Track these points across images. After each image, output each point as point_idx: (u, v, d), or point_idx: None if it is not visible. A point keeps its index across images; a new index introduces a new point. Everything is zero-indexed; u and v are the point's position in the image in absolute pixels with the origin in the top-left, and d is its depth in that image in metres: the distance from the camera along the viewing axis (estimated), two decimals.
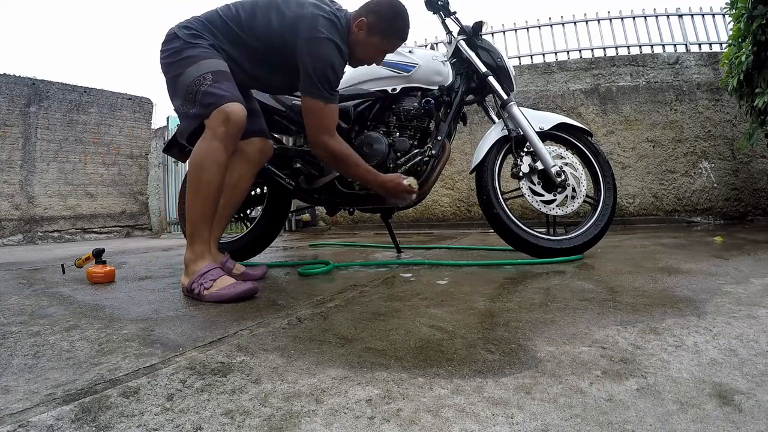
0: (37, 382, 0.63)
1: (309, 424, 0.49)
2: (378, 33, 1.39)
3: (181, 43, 1.31)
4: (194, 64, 1.27)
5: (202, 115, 1.24)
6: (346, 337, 0.80)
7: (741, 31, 2.54)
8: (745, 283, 1.11)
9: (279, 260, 2.15)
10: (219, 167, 1.24)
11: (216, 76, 1.25)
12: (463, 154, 4.00)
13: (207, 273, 1.19)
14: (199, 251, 1.24)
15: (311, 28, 1.27)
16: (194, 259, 1.24)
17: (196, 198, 1.25)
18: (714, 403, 0.50)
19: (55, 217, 6.33)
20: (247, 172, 1.49)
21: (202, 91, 1.23)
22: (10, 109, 6.04)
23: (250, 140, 1.46)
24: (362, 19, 1.37)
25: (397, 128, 1.77)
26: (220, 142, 1.22)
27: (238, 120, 1.23)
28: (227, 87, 1.25)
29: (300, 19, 1.29)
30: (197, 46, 1.30)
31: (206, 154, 1.23)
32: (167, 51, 1.33)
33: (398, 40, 1.46)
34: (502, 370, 0.62)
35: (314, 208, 4.46)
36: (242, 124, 1.25)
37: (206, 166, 1.23)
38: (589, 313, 0.89)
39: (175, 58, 1.31)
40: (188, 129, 1.30)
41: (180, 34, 1.32)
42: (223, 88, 1.24)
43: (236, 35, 1.35)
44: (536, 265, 1.58)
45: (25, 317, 1.05)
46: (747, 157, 3.45)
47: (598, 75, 3.83)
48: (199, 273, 1.20)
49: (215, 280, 1.18)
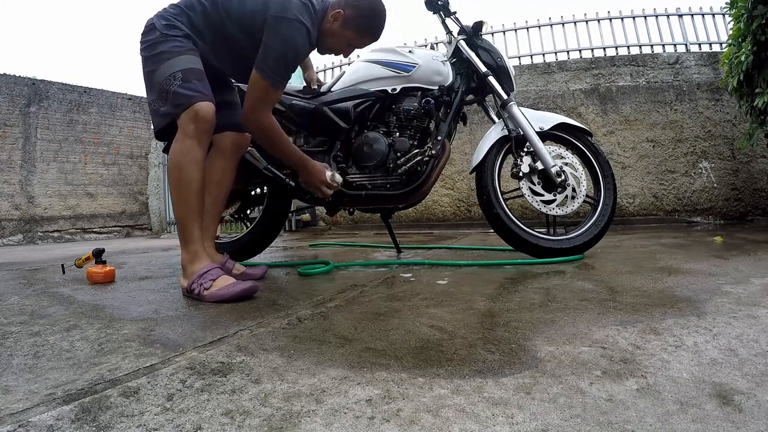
0: (37, 382, 0.63)
1: (309, 424, 0.49)
2: (353, 28, 1.40)
3: (156, 36, 1.33)
4: (167, 61, 1.29)
5: (173, 114, 1.27)
6: (346, 337, 0.80)
7: (741, 31, 2.54)
8: (745, 283, 1.10)
9: (279, 260, 2.15)
10: (196, 164, 1.26)
11: (186, 75, 1.28)
12: (463, 154, 4.00)
13: (206, 273, 1.20)
14: (193, 251, 1.25)
15: (282, 7, 1.28)
16: (190, 260, 1.24)
17: (180, 198, 1.27)
18: (714, 403, 0.50)
19: (55, 217, 6.33)
20: (227, 165, 1.51)
21: (173, 91, 1.26)
22: (10, 109, 6.04)
23: (224, 134, 1.49)
24: (340, 11, 1.38)
25: (397, 128, 1.77)
26: (193, 139, 1.25)
27: (207, 117, 1.26)
28: (196, 86, 1.27)
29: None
30: (171, 40, 1.32)
31: (182, 153, 1.25)
32: (144, 43, 1.36)
33: (371, 39, 1.47)
34: (502, 370, 0.62)
35: (314, 208, 4.46)
36: (211, 121, 1.28)
37: (184, 164, 1.25)
38: (589, 313, 0.89)
39: (150, 52, 1.34)
40: (158, 126, 1.34)
41: (157, 24, 1.35)
42: (193, 88, 1.27)
43: (212, 19, 1.36)
44: (536, 265, 1.58)
45: (25, 317, 1.05)
46: (747, 157, 3.45)
47: (598, 75, 3.83)
48: (198, 273, 1.20)
49: (215, 280, 1.18)
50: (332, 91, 1.85)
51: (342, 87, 1.83)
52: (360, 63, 1.86)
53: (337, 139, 1.79)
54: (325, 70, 5.07)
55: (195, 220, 1.27)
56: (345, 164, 1.79)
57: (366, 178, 1.76)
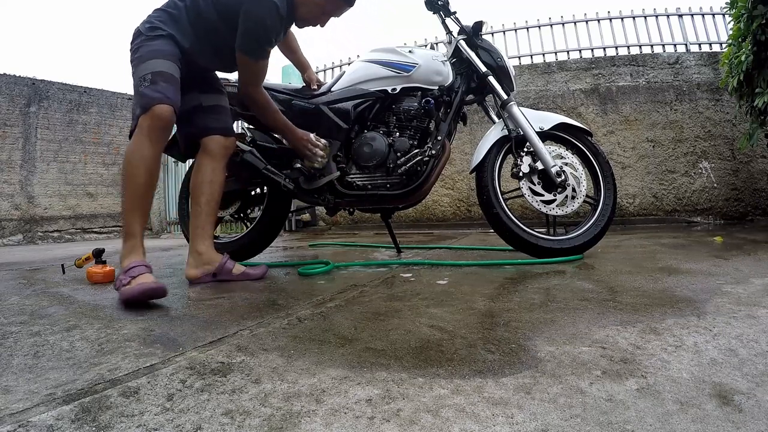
0: (37, 382, 0.63)
1: (309, 424, 0.49)
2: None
3: (140, 40, 1.39)
4: (142, 63, 1.35)
5: (139, 115, 1.31)
6: (346, 337, 0.80)
7: (741, 31, 2.54)
8: (745, 283, 1.10)
9: (279, 260, 2.15)
10: (143, 161, 1.29)
11: (154, 77, 1.32)
12: (463, 154, 4.00)
13: (131, 269, 1.20)
14: (130, 246, 1.27)
15: None
16: (125, 254, 1.26)
17: (125, 192, 1.30)
18: (714, 403, 0.50)
19: (55, 217, 6.33)
20: (216, 165, 1.55)
21: (140, 92, 1.31)
22: (10, 109, 6.04)
23: (212, 137, 1.55)
24: None
25: (397, 128, 1.77)
26: (145, 136, 1.29)
27: (162, 117, 1.29)
28: (161, 88, 1.31)
29: None
30: (151, 42, 1.37)
31: (132, 150, 1.29)
32: (131, 49, 1.42)
33: (345, 5, 1.52)
34: (502, 370, 0.62)
35: (314, 208, 4.45)
36: (167, 121, 1.30)
37: (132, 160, 1.29)
38: (589, 313, 0.89)
39: (133, 56, 1.40)
40: (131, 128, 1.37)
41: (142, 29, 1.41)
42: (158, 89, 1.30)
43: (196, 12, 1.41)
44: (536, 265, 1.58)
45: (25, 317, 1.05)
46: (747, 157, 3.45)
47: (598, 75, 3.82)
48: (125, 269, 1.21)
49: (134, 278, 1.18)
50: (332, 91, 1.85)
51: (342, 87, 1.83)
52: (360, 63, 1.86)
53: (337, 139, 1.79)
54: (325, 70, 5.07)
55: (135, 215, 1.30)
56: (345, 164, 1.79)
57: (366, 178, 1.76)
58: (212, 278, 1.47)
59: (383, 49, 1.84)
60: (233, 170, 1.90)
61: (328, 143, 1.72)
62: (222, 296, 1.23)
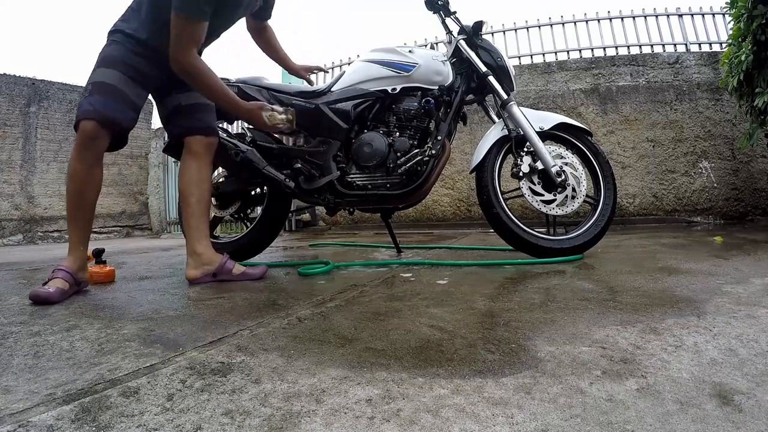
0: (37, 382, 0.63)
1: (309, 424, 0.49)
2: None
3: (103, 47, 1.43)
4: (93, 71, 1.39)
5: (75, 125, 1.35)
6: (346, 337, 0.80)
7: (741, 30, 2.54)
8: (745, 283, 1.10)
9: (279, 260, 2.15)
10: (71, 176, 1.36)
11: (93, 88, 1.35)
12: (463, 154, 4.00)
13: (53, 271, 1.30)
14: (69, 250, 1.37)
15: None
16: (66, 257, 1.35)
17: (66, 205, 1.39)
18: (714, 403, 0.50)
19: (55, 217, 6.32)
20: (202, 164, 1.56)
21: (80, 102, 1.35)
22: (10, 109, 6.04)
23: (194, 137, 1.55)
24: None
25: (397, 128, 1.77)
26: (75, 151, 1.35)
27: (85, 131, 1.32)
28: (93, 100, 1.33)
29: None
30: (105, 49, 1.42)
31: (69, 165, 1.37)
32: None
33: None
34: (502, 370, 0.62)
35: (314, 208, 4.46)
36: (88, 137, 1.32)
37: (68, 174, 1.37)
38: (589, 313, 0.89)
39: None
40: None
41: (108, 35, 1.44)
42: (90, 102, 1.33)
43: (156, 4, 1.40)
44: (536, 265, 1.58)
45: (25, 317, 1.05)
46: (747, 157, 3.45)
47: (598, 75, 3.82)
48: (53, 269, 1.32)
49: (51, 279, 1.27)
50: (332, 91, 1.85)
51: (342, 87, 1.83)
52: (360, 63, 1.86)
53: (337, 139, 1.79)
54: (325, 71, 5.07)
55: (71, 226, 1.39)
56: (345, 164, 1.79)
57: (366, 178, 1.76)
58: (212, 278, 1.47)
59: (383, 49, 1.84)
60: (233, 170, 1.90)
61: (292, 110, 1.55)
62: (222, 296, 1.23)
